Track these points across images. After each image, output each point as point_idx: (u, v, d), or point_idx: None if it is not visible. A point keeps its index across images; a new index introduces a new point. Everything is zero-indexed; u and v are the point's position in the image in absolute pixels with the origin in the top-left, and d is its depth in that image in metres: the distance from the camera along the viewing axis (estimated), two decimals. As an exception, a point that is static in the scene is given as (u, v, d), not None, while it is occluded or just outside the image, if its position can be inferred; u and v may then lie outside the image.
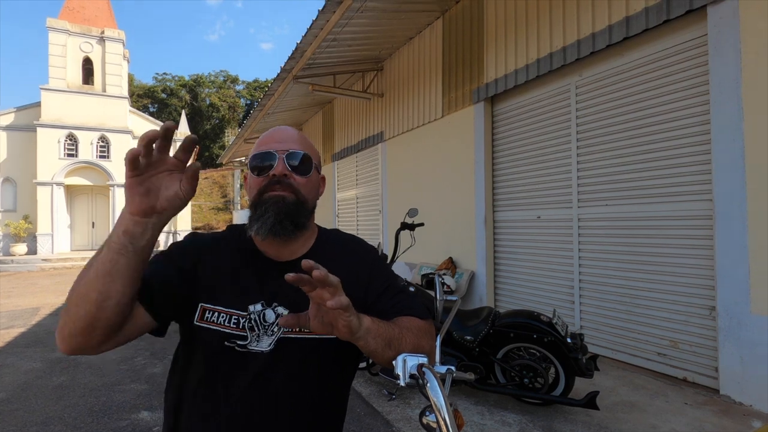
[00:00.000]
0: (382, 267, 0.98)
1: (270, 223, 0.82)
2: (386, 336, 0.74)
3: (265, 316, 0.84)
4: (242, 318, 0.83)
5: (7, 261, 13.29)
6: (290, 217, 0.84)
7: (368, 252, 0.99)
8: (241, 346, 0.83)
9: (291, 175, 0.86)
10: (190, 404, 0.86)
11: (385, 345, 0.74)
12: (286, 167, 0.86)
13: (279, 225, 0.82)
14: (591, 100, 4.10)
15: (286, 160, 0.86)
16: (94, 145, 15.42)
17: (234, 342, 0.82)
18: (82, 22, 15.86)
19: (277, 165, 0.85)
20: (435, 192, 6.17)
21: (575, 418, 2.72)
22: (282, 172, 0.85)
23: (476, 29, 5.36)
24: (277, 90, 7.54)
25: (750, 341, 2.79)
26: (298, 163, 0.87)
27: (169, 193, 0.67)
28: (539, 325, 2.74)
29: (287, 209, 0.83)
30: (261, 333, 0.83)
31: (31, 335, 5.10)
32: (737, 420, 2.63)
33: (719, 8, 3.00)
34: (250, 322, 0.83)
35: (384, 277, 0.94)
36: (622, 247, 3.80)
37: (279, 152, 0.86)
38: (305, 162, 0.88)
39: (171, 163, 0.67)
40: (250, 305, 0.84)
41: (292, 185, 0.86)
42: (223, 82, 38.35)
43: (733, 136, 2.91)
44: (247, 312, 0.84)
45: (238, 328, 0.83)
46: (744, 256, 2.84)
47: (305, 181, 0.88)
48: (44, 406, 3.12)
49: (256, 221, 0.83)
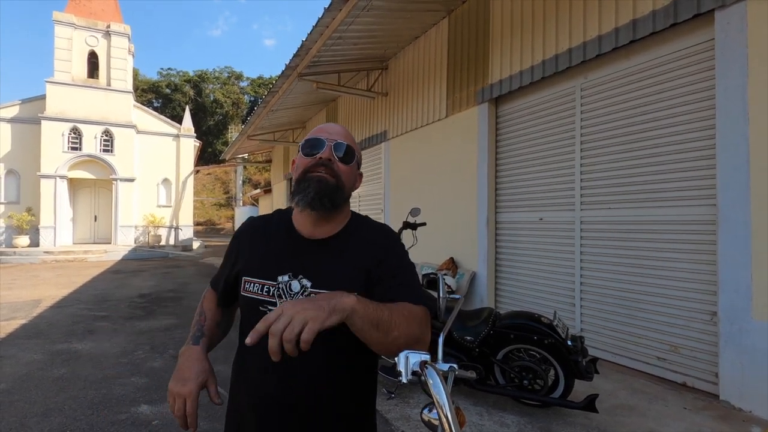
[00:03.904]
0: (396, 254, 1.02)
1: (310, 197, 0.94)
2: (373, 317, 0.78)
3: (291, 286, 0.94)
4: (272, 287, 0.95)
5: (10, 253, 13.34)
6: (328, 195, 0.95)
7: (388, 238, 1.05)
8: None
9: (335, 161, 0.98)
10: (240, 361, 1.03)
11: (371, 326, 0.78)
12: (332, 153, 0.98)
13: (318, 200, 0.94)
14: (596, 102, 4.09)
15: (333, 148, 0.98)
16: (97, 138, 15.43)
17: (266, 307, 0.94)
18: (88, 16, 15.86)
19: (324, 150, 0.98)
20: (437, 192, 6.17)
21: (574, 420, 2.72)
22: (328, 157, 0.97)
23: (482, 30, 5.35)
24: (282, 87, 7.55)
25: (751, 347, 2.78)
26: (343, 153, 0.99)
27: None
28: (540, 326, 2.74)
29: (327, 188, 0.95)
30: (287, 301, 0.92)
31: (32, 327, 5.12)
32: (736, 426, 2.62)
33: (727, 13, 2.98)
34: (279, 290, 0.95)
35: (395, 264, 0.99)
36: (624, 251, 3.79)
37: (329, 140, 0.99)
38: (349, 153, 1.00)
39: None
40: (279, 276, 0.96)
41: (334, 170, 0.97)
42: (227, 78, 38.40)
43: (738, 142, 2.90)
44: (277, 282, 0.95)
45: (269, 296, 0.95)
46: (747, 262, 2.83)
47: (346, 169, 1.00)
48: (44, 397, 3.13)
49: (299, 194, 0.96)
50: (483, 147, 5.31)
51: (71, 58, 15.18)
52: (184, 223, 17.67)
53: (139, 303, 6.72)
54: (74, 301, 6.77)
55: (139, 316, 5.81)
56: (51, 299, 6.91)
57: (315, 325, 0.68)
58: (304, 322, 0.68)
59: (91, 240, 16.35)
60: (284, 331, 0.67)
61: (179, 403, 0.89)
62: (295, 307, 0.70)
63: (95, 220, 16.55)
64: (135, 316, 5.75)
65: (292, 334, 0.66)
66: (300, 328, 0.67)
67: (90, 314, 5.85)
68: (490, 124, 5.27)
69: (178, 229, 17.45)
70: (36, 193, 14.87)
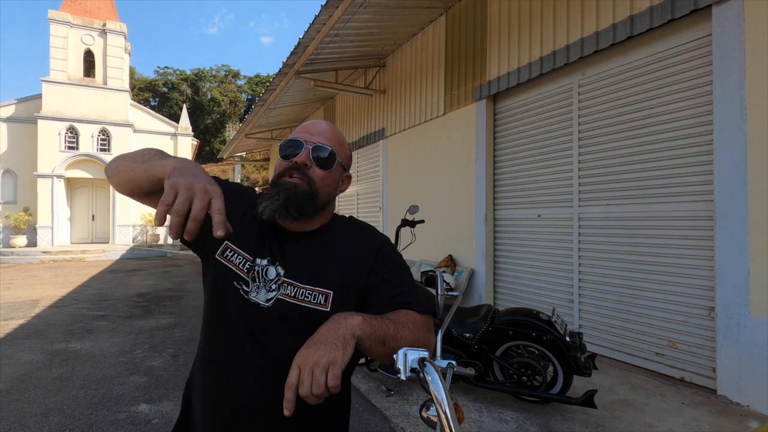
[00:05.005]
0: (388, 256, 0.96)
1: (276, 206, 0.87)
2: (379, 334, 0.74)
3: (267, 272, 0.90)
4: (251, 265, 0.91)
5: (7, 253, 13.30)
6: (297, 204, 0.88)
7: (376, 240, 0.98)
8: (245, 291, 0.89)
9: (312, 166, 0.91)
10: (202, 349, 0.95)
11: (378, 343, 0.74)
12: (308, 158, 0.90)
13: (284, 209, 0.87)
14: (593, 99, 4.09)
15: (311, 152, 0.91)
16: (94, 138, 15.38)
17: (240, 285, 0.89)
18: (83, 14, 15.78)
19: (301, 154, 0.90)
20: (436, 189, 6.17)
21: (573, 416, 2.73)
22: (303, 162, 0.90)
23: (479, 26, 5.34)
24: (279, 85, 7.52)
25: (748, 342, 2.79)
26: (322, 157, 0.91)
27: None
28: (538, 323, 2.75)
29: (296, 197, 0.88)
30: (261, 285, 0.90)
31: (30, 327, 5.11)
32: (734, 420, 2.64)
33: (724, 8, 2.98)
34: (254, 272, 0.90)
35: (389, 267, 0.94)
36: (622, 247, 3.80)
37: (307, 143, 0.91)
38: (329, 157, 0.92)
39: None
40: (258, 258, 0.91)
41: (309, 176, 0.90)
42: (224, 76, 38.23)
43: (736, 137, 2.90)
44: (255, 263, 0.91)
45: (246, 273, 0.90)
46: (744, 257, 2.84)
47: (324, 174, 0.92)
48: (43, 397, 3.13)
49: (266, 200, 0.89)
50: (481, 144, 5.31)
51: (67, 57, 15.11)
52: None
53: (138, 302, 6.70)
54: (72, 301, 6.75)
55: (138, 315, 5.80)
56: (49, 299, 6.90)
57: (337, 369, 0.65)
58: (325, 371, 0.64)
59: (89, 239, 16.32)
60: (312, 388, 0.64)
61: (193, 197, 0.66)
62: (309, 358, 0.66)
63: (93, 220, 16.51)
64: (133, 316, 5.74)
65: (321, 389, 0.63)
66: (325, 379, 0.64)
67: (88, 314, 5.84)
68: (488, 120, 5.27)
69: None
70: (33, 192, 14.82)
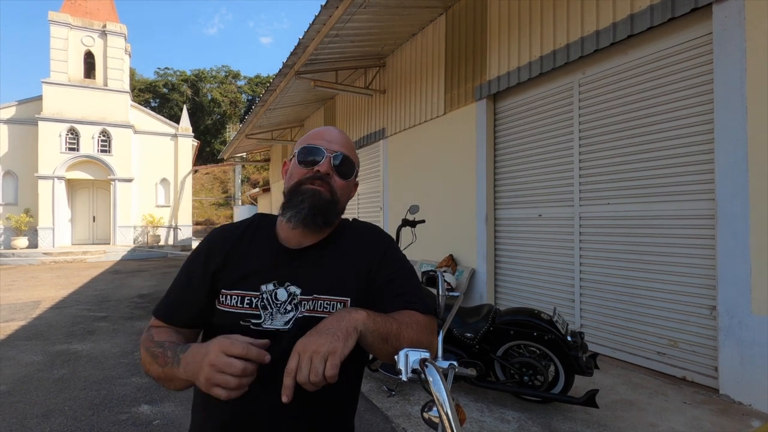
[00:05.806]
0: (393, 256, 0.97)
1: (303, 215, 0.86)
2: (383, 331, 0.75)
3: (277, 294, 0.87)
4: (255, 298, 0.87)
5: (8, 254, 13.31)
6: (323, 212, 0.88)
7: (382, 241, 0.99)
8: (255, 324, 0.86)
9: (333, 175, 0.91)
10: (205, 404, 0.90)
11: (381, 340, 0.75)
12: (331, 167, 0.91)
13: (311, 217, 0.87)
14: (594, 98, 4.08)
15: (332, 160, 0.91)
16: (95, 139, 15.39)
17: (248, 321, 0.86)
18: (83, 16, 15.79)
19: (323, 162, 0.90)
20: (436, 189, 6.16)
21: (574, 416, 2.72)
22: (326, 171, 0.90)
23: (479, 26, 5.34)
24: (279, 85, 7.52)
25: (750, 341, 2.79)
26: (342, 166, 0.92)
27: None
28: (539, 322, 2.74)
29: (322, 204, 0.88)
30: (274, 311, 0.87)
31: (31, 328, 5.11)
32: (736, 419, 2.63)
33: (724, 7, 2.98)
34: (263, 301, 0.87)
35: (394, 267, 0.94)
36: (624, 246, 3.80)
37: (328, 151, 0.91)
38: (348, 167, 0.94)
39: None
40: (263, 285, 0.88)
41: (331, 184, 0.90)
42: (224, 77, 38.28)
43: (737, 136, 2.89)
44: (260, 291, 0.87)
45: (251, 308, 0.87)
46: (746, 256, 2.83)
47: (344, 183, 0.93)
48: (45, 398, 3.13)
49: (291, 209, 0.88)
50: (481, 143, 5.30)
51: (67, 59, 15.12)
52: (182, 223, 17.66)
53: (139, 303, 6.71)
54: (74, 302, 6.76)
55: (139, 316, 5.80)
56: (50, 300, 6.90)
57: (336, 359, 0.65)
58: (324, 359, 0.65)
59: (90, 241, 16.34)
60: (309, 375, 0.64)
61: (234, 360, 0.67)
62: (309, 346, 0.66)
63: (94, 221, 16.53)
64: (135, 316, 5.75)
65: (318, 377, 0.64)
66: (323, 367, 0.64)
67: (89, 315, 5.84)
68: (489, 120, 5.26)
69: (177, 228, 17.44)
70: (34, 194, 14.84)
